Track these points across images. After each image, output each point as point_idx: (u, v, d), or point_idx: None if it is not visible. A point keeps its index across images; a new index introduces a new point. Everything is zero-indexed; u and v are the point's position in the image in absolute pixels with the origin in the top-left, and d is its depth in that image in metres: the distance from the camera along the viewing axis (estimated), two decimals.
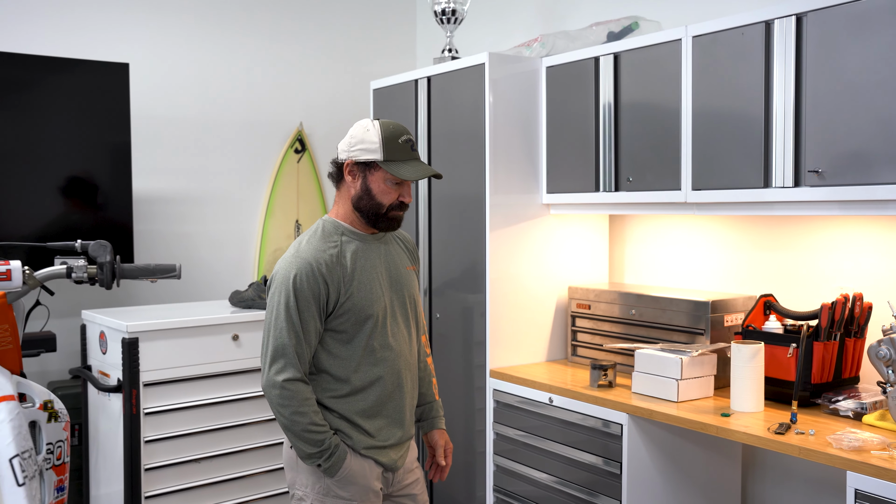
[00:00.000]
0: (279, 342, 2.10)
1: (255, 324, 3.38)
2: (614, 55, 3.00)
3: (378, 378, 2.21)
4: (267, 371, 2.12)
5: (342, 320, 2.16)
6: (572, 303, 3.35)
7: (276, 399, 2.10)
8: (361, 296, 2.16)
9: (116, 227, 3.57)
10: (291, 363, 2.10)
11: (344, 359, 2.18)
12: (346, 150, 2.19)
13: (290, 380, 2.09)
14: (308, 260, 2.12)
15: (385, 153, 2.16)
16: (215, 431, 3.30)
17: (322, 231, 2.21)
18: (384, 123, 2.20)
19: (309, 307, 2.11)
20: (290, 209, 4.34)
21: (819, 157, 2.41)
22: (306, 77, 4.39)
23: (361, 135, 2.18)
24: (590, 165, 3.12)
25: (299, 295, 2.10)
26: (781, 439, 2.28)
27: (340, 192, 2.25)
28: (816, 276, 2.89)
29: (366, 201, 2.19)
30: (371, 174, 2.18)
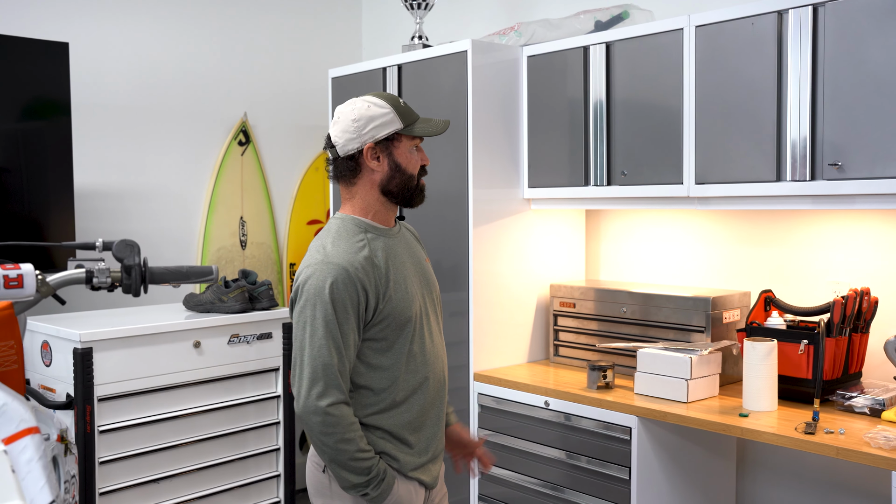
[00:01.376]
0: (319, 361, 1.87)
1: (219, 329, 3.11)
2: (606, 44, 2.90)
3: (420, 385, 2.02)
4: (306, 395, 1.88)
5: (381, 327, 1.95)
6: (554, 301, 3.24)
7: (319, 427, 1.87)
8: (399, 298, 1.97)
9: (57, 226, 3.22)
10: (334, 384, 1.88)
11: (384, 369, 1.98)
12: (354, 137, 1.97)
13: (334, 404, 1.87)
14: (342, 265, 1.90)
15: (403, 119, 1.99)
16: (176, 448, 3.02)
17: (345, 231, 2.00)
18: (378, 94, 2.02)
19: (348, 318, 1.90)
20: (233, 205, 4.06)
21: (839, 150, 2.36)
22: (251, 65, 4.11)
23: (366, 113, 1.97)
24: (578, 159, 3.01)
25: (338, 306, 1.88)
26: (813, 439, 2.22)
27: (356, 186, 2.03)
28: (805, 271, 2.87)
29: (398, 179, 2.01)
30: (396, 147, 1.99)
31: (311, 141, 4.32)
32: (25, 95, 3.16)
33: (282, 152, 4.23)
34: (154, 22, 3.79)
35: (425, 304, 2.06)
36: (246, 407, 3.21)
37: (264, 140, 4.17)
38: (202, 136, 3.96)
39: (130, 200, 3.74)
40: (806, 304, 2.76)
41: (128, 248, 1.44)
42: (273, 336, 3.27)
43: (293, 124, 4.25)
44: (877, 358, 2.68)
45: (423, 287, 2.08)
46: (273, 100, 4.18)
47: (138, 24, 3.74)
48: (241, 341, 3.17)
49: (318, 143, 4.33)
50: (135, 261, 1.43)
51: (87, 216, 3.54)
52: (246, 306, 3.21)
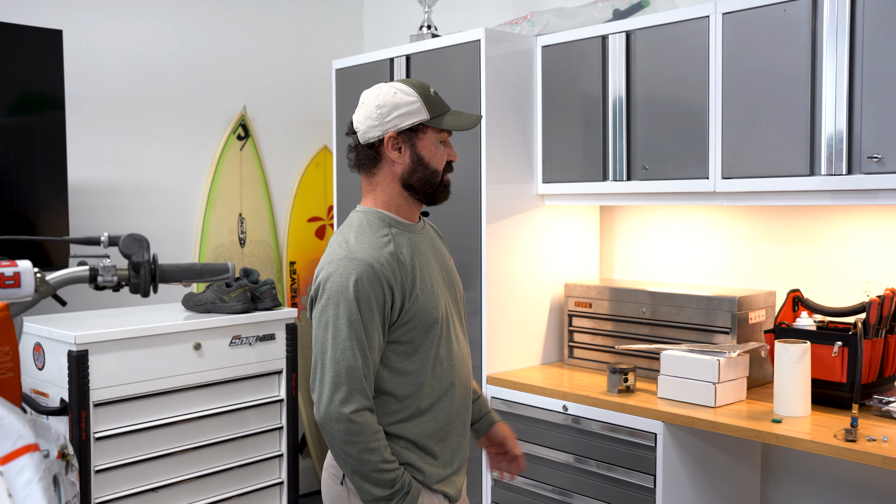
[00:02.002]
0: (343, 364, 1.74)
1: (220, 330, 2.97)
2: (626, 34, 2.77)
3: (447, 391, 1.89)
4: (328, 401, 1.74)
5: (406, 329, 1.82)
6: (569, 301, 3.11)
7: (342, 435, 1.73)
8: (425, 298, 1.84)
9: (50, 222, 3.08)
10: (359, 390, 1.75)
11: (409, 374, 1.84)
12: (377, 125, 1.84)
13: (358, 410, 1.74)
14: (367, 261, 1.77)
15: (430, 109, 1.85)
16: (175, 455, 2.88)
17: (368, 225, 1.87)
18: (407, 81, 1.89)
19: (373, 319, 1.77)
20: (232, 201, 3.92)
21: (878, 142, 2.25)
22: (251, 57, 3.97)
23: (391, 100, 1.84)
24: (595, 153, 2.89)
25: (363, 305, 1.75)
26: (855, 447, 2.10)
27: (377, 177, 1.91)
28: (833, 269, 2.76)
29: (420, 173, 1.87)
30: (420, 139, 1.86)
31: (313, 135, 4.18)
32: (16, 85, 3.02)
33: (282, 147, 4.09)
34: (152, 11, 3.65)
35: (450, 306, 1.94)
36: (248, 411, 3.07)
37: (264, 134, 4.04)
38: (200, 130, 3.82)
39: (126, 196, 3.60)
40: (834, 303, 2.65)
41: (136, 243, 1.31)
42: (276, 337, 3.13)
43: (294, 118, 4.12)
44: None
45: (448, 287, 1.96)
46: (273, 92, 4.05)
47: (135, 13, 3.60)
48: (243, 343, 3.04)
49: (319, 138, 4.20)
50: (144, 257, 1.30)
51: (81, 212, 3.40)
52: (248, 306, 3.07)
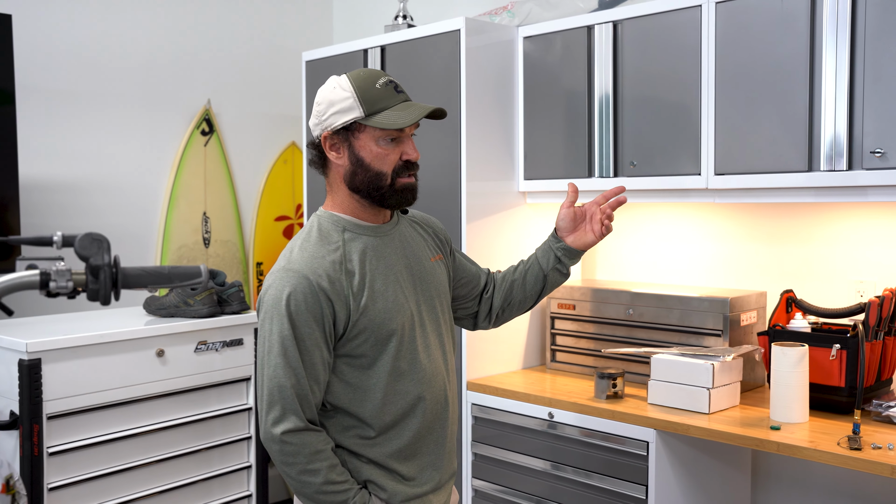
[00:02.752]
0: (274, 383, 1.63)
1: (184, 336, 2.79)
2: (613, 24, 2.66)
3: (413, 408, 1.74)
4: (263, 421, 1.65)
5: (358, 342, 1.68)
6: (552, 303, 2.99)
7: (278, 457, 1.63)
8: (378, 308, 1.68)
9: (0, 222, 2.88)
10: (291, 409, 1.62)
11: (365, 389, 1.70)
12: (318, 123, 1.71)
13: (290, 431, 1.62)
14: (303, 272, 1.63)
15: (365, 105, 1.66)
16: (138, 469, 2.70)
17: (318, 231, 1.73)
18: (353, 73, 1.72)
19: (312, 334, 1.63)
20: (196, 200, 3.74)
21: (881, 137, 2.16)
22: (215, 48, 3.79)
23: (329, 96, 1.69)
24: (581, 148, 2.77)
25: (296, 320, 1.62)
26: (861, 456, 2.01)
27: (330, 178, 1.77)
28: (823, 269, 2.67)
29: (361, 175, 1.70)
30: (356, 139, 1.69)
31: (280, 131, 4.01)
32: None
33: (248, 143, 3.92)
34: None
35: (420, 313, 1.77)
36: (214, 421, 2.90)
37: (229, 129, 3.86)
38: (162, 125, 3.64)
39: (82, 194, 3.40)
40: (826, 304, 2.56)
41: (94, 243, 1.15)
42: (244, 342, 2.96)
43: (261, 113, 3.95)
44: None
45: (420, 293, 1.79)
46: (239, 86, 3.87)
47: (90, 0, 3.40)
48: (210, 349, 2.86)
49: (287, 134, 4.03)
50: (103, 260, 1.14)
51: (33, 211, 3.20)
52: (214, 310, 2.90)
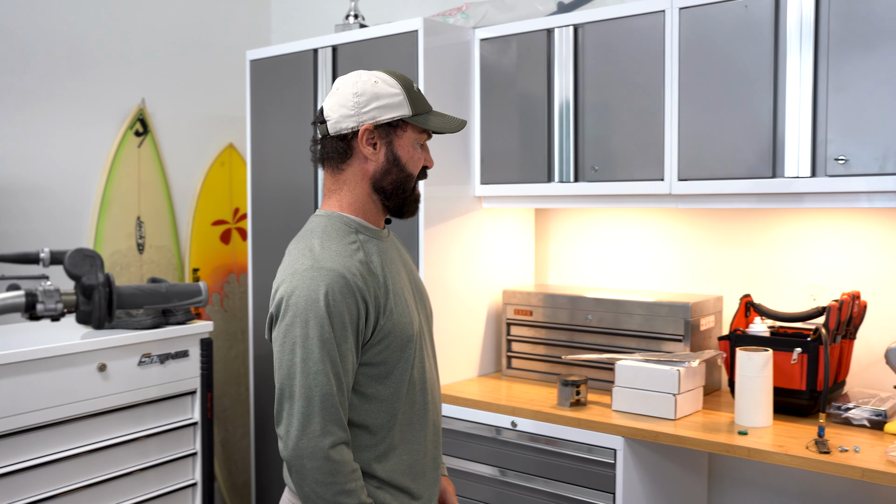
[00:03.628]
0: (317, 391, 1.51)
1: (127, 349, 2.65)
2: (574, 27, 2.64)
3: (420, 419, 1.69)
4: (298, 435, 1.51)
5: (380, 348, 1.60)
6: (508, 309, 2.95)
7: (315, 475, 1.50)
8: (400, 313, 1.63)
9: None
10: (335, 420, 1.52)
11: (382, 401, 1.62)
12: (352, 115, 1.63)
13: (336, 445, 1.51)
14: (337, 270, 1.54)
15: (413, 105, 1.64)
16: (79, 491, 2.54)
17: (333, 229, 1.64)
18: (389, 72, 1.68)
19: (346, 337, 1.54)
20: (129, 204, 3.56)
21: (844, 145, 2.19)
22: (149, 44, 3.62)
23: (371, 89, 1.63)
24: (540, 153, 2.74)
25: (335, 321, 1.52)
26: (831, 460, 2.03)
27: (345, 174, 1.68)
28: (776, 273, 2.71)
29: (394, 175, 1.66)
30: (398, 137, 1.65)
31: (218, 132, 3.86)
32: None
33: (184, 145, 3.75)
34: None
35: (421, 322, 1.73)
36: (158, 438, 2.76)
37: (164, 130, 3.69)
38: (92, 125, 3.45)
39: (5, 197, 3.19)
40: (779, 308, 2.60)
41: (86, 260, 1.04)
42: (190, 354, 2.83)
43: (198, 113, 3.79)
44: (854, 364, 2.54)
45: (419, 302, 1.75)
46: (174, 84, 3.70)
47: None
48: (154, 361, 2.72)
49: (225, 135, 3.88)
50: (98, 279, 1.03)
51: None
52: (158, 320, 2.76)
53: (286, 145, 3.14)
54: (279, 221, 3.19)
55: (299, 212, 3.09)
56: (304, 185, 3.07)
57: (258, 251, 3.29)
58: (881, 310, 2.50)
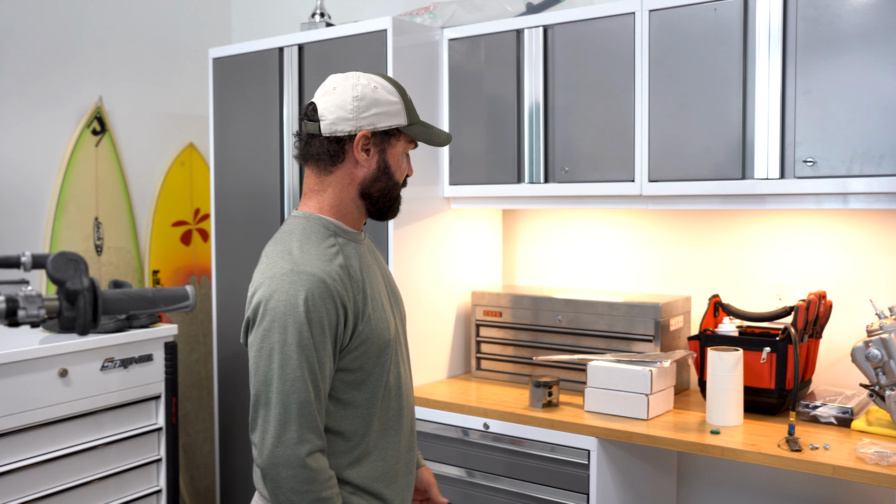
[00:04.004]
0: (294, 398, 1.48)
1: (89, 353, 2.58)
2: (544, 28, 2.64)
3: (394, 424, 1.67)
4: (274, 442, 1.48)
5: (357, 354, 1.58)
6: (477, 310, 2.94)
7: (291, 483, 1.47)
8: (377, 317, 1.61)
9: None
10: (312, 427, 1.50)
11: (357, 406, 1.60)
12: (350, 118, 1.60)
13: (313, 453, 1.49)
14: (317, 274, 1.52)
15: (409, 115, 1.65)
16: (40, 501, 2.47)
17: (312, 232, 1.61)
18: (386, 77, 1.67)
19: (325, 343, 1.51)
20: (87, 205, 3.47)
21: (813, 147, 2.22)
22: (107, 40, 3.53)
23: (372, 94, 1.61)
24: (510, 154, 2.73)
25: (314, 327, 1.49)
26: (803, 458, 2.06)
27: (332, 176, 1.65)
28: (742, 274, 2.74)
29: (383, 183, 1.65)
30: (391, 146, 1.65)
31: (178, 131, 3.79)
32: None
33: (143, 144, 3.67)
34: None
35: (397, 327, 1.71)
36: (122, 444, 2.69)
37: (123, 129, 3.60)
38: (47, 123, 3.35)
39: None
40: (745, 308, 2.63)
41: (70, 264, 1.00)
42: (154, 358, 2.77)
43: (158, 112, 3.71)
44: (819, 363, 2.58)
45: (395, 306, 1.74)
46: (133, 82, 3.62)
47: None
48: (117, 366, 2.66)
49: (185, 134, 3.81)
50: (83, 284, 0.99)
51: None
52: (121, 324, 2.69)
53: (251, 145, 3.09)
54: (244, 223, 3.14)
55: (265, 213, 3.05)
56: (269, 185, 3.02)
57: (222, 253, 3.23)
58: (844, 309, 2.54)
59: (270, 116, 3.00)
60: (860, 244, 2.54)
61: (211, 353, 3.77)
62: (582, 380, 2.65)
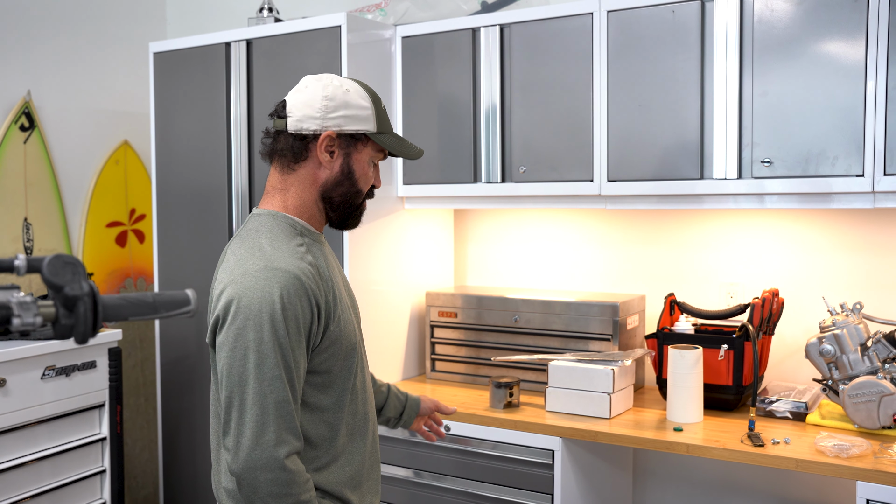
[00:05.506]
0: (272, 398, 1.43)
1: (29, 361, 2.45)
2: (500, 27, 2.63)
3: (360, 428, 1.64)
4: (251, 445, 1.42)
5: (326, 356, 1.54)
6: (431, 311, 2.91)
7: (270, 487, 1.42)
8: (345, 318, 1.58)
9: None
10: (290, 428, 1.45)
11: (324, 410, 1.56)
12: (317, 117, 1.56)
13: (293, 455, 1.45)
14: (292, 271, 1.47)
15: (378, 123, 1.60)
16: None
17: (280, 229, 1.56)
18: (361, 83, 1.63)
19: (300, 342, 1.47)
20: (15, 204, 3.30)
21: (770, 147, 2.27)
22: (36, 31, 3.37)
23: (341, 96, 1.57)
24: (465, 153, 2.71)
25: (290, 326, 1.45)
26: (766, 452, 2.10)
27: (294, 175, 1.60)
28: (695, 271, 2.79)
29: (345, 188, 1.60)
30: (357, 151, 1.60)
31: (112, 128, 3.64)
32: None
33: (75, 141, 3.51)
34: None
35: (359, 330, 1.69)
36: (64, 456, 2.57)
37: (53, 125, 3.44)
38: None
39: None
40: (697, 306, 2.67)
41: (68, 268, 0.92)
42: (97, 365, 2.65)
43: (90, 107, 3.55)
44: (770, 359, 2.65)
45: (353, 308, 1.70)
46: (63, 76, 3.46)
47: None
48: (59, 374, 2.53)
49: (119, 131, 3.66)
50: (82, 289, 0.92)
51: None
52: None
53: (195, 143, 2.99)
54: (188, 224, 3.03)
55: (211, 214, 2.95)
56: (216, 185, 2.92)
57: (164, 255, 3.11)
58: (793, 305, 2.61)
59: (216, 114, 2.91)
60: (811, 243, 2.60)
61: (148, 359, 3.64)
62: (541, 380, 2.65)
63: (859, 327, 2.28)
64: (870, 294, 2.50)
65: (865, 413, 2.18)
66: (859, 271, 2.54)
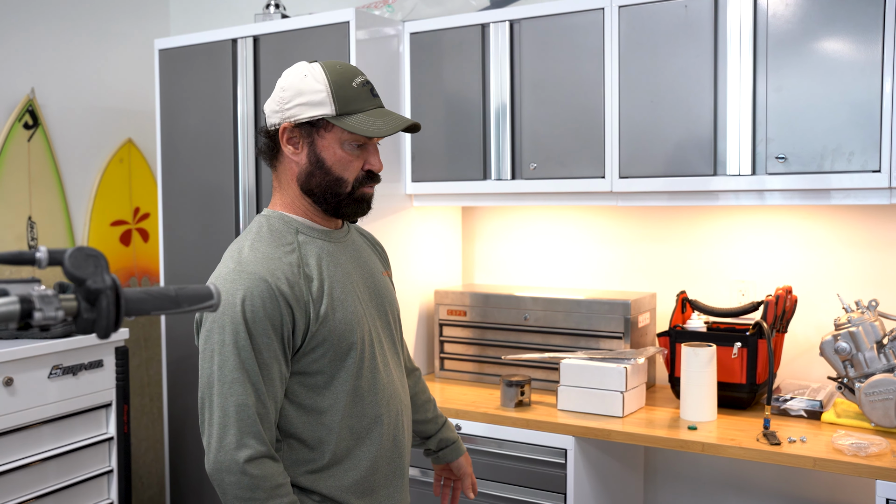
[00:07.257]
0: (230, 402, 1.43)
1: (36, 360, 2.43)
2: (510, 23, 2.60)
3: (369, 433, 1.58)
4: (217, 447, 1.42)
5: (315, 357, 1.50)
6: (440, 309, 2.89)
7: (234, 490, 1.41)
8: (339, 318, 1.52)
9: None
10: (252, 432, 1.43)
11: (321, 412, 1.52)
12: (277, 111, 1.53)
13: (254, 458, 1.42)
14: (259, 274, 1.45)
15: (338, 104, 1.50)
16: None
17: (269, 230, 1.54)
18: (328, 64, 1.55)
19: (270, 345, 1.45)
20: (19, 202, 3.28)
21: (784, 144, 2.25)
22: (41, 28, 3.34)
23: (298, 84, 1.52)
24: (475, 150, 2.69)
25: (253, 328, 1.43)
26: (783, 451, 2.08)
27: (279, 173, 1.59)
28: (706, 269, 2.77)
29: (319, 178, 1.54)
30: (321, 138, 1.52)
31: (116, 126, 3.61)
32: None
33: (79, 139, 3.49)
34: None
35: (377, 328, 1.63)
36: (72, 455, 2.54)
37: (57, 123, 3.41)
38: None
39: None
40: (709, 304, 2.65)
41: (90, 260, 0.90)
42: (104, 364, 2.63)
43: (96, 105, 3.53)
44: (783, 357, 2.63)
45: (375, 306, 1.64)
46: (69, 74, 3.44)
47: None
48: (66, 373, 2.51)
49: (123, 130, 3.63)
50: (105, 282, 0.90)
51: None
52: (69, 329, 2.54)
53: (201, 141, 2.96)
54: (194, 222, 3.01)
55: (217, 212, 2.92)
56: (223, 184, 2.90)
57: (171, 254, 3.09)
58: (805, 303, 2.59)
59: (223, 111, 2.89)
60: (823, 240, 2.58)
61: (152, 359, 3.61)
62: (551, 378, 2.63)
63: (875, 325, 2.26)
64: (885, 291, 2.48)
65: (882, 411, 2.16)
66: (874, 268, 2.51)
